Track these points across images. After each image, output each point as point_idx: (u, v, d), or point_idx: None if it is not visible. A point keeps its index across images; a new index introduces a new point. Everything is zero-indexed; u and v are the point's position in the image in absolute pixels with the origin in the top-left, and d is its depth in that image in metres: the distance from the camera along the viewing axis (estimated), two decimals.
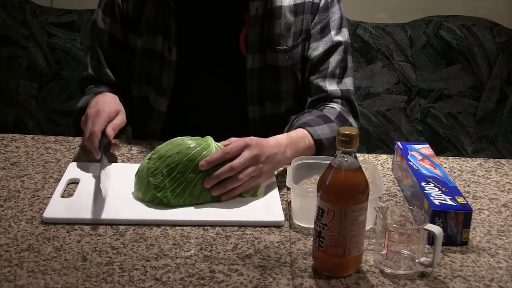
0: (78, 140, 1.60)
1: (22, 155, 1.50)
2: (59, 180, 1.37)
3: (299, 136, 1.45)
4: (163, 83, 1.60)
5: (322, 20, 1.61)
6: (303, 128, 1.47)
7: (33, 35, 2.24)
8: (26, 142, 1.58)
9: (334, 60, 1.60)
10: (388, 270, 1.11)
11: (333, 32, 1.61)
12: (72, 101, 2.25)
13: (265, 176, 1.35)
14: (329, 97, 1.59)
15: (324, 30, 1.61)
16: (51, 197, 1.30)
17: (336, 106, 1.58)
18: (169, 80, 1.60)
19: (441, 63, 2.23)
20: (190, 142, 1.31)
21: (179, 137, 1.34)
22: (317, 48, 1.61)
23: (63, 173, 1.40)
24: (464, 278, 1.11)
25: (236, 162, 1.29)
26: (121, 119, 1.46)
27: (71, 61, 2.24)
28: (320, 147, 1.46)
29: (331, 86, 1.59)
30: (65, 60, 2.24)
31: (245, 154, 1.30)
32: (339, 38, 1.61)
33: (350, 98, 1.61)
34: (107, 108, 1.44)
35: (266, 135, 1.43)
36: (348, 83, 1.62)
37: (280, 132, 1.48)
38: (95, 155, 1.39)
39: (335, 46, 1.61)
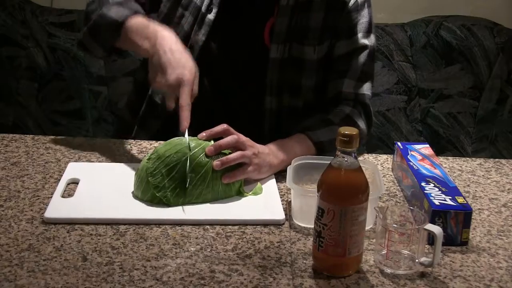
0: (78, 140, 1.60)
1: (22, 155, 1.50)
2: (59, 180, 1.37)
3: (295, 140, 1.45)
4: (192, 37, 1.56)
5: (351, 20, 1.59)
6: (302, 132, 1.47)
7: (33, 35, 2.24)
8: (26, 142, 1.58)
9: (356, 62, 1.58)
10: (388, 270, 1.11)
11: (360, 35, 1.59)
12: (72, 101, 2.25)
13: (255, 171, 1.36)
14: (342, 99, 1.58)
15: (352, 31, 1.59)
16: (51, 197, 1.30)
17: (346, 109, 1.56)
18: (200, 36, 1.56)
19: (441, 63, 2.23)
20: (189, 142, 1.32)
21: (178, 137, 1.35)
22: (341, 48, 1.59)
23: (63, 173, 1.40)
24: (464, 278, 1.11)
25: (240, 137, 1.33)
26: (196, 86, 1.38)
27: (71, 61, 2.23)
28: (322, 149, 1.46)
29: (347, 88, 1.58)
30: (65, 60, 2.24)
31: (246, 138, 1.35)
32: (365, 41, 1.59)
33: (365, 102, 1.59)
34: (187, 72, 1.35)
35: (280, 127, 1.44)
36: (365, 87, 1.59)
37: (295, 125, 1.47)
38: (181, 125, 1.32)
39: (360, 49, 1.59)
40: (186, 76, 1.33)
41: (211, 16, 1.57)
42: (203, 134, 1.34)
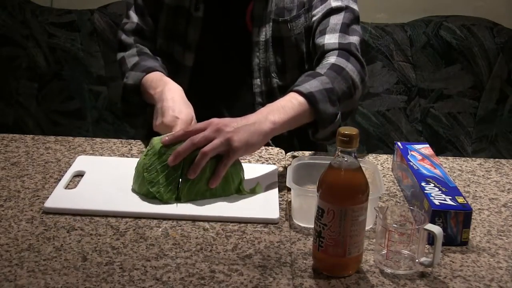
0: (78, 140, 1.60)
1: (22, 155, 1.50)
2: (59, 180, 1.37)
3: (284, 99, 1.40)
4: (188, 38, 1.65)
5: None
6: (291, 91, 1.43)
7: (33, 35, 2.24)
8: (26, 142, 1.58)
9: (334, 18, 1.58)
10: (388, 270, 1.11)
11: (331, 0, 1.61)
12: (72, 101, 2.25)
13: (241, 150, 1.31)
14: (326, 51, 1.54)
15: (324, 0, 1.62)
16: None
17: (331, 59, 1.51)
18: (195, 35, 1.64)
19: (441, 63, 2.23)
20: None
21: None
22: (317, 14, 1.61)
23: (63, 173, 1.41)
24: (464, 278, 1.11)
25: (196, 136, 1.30)
26: None
27: (71, 61, 2.23)
28: (314, 100, 1.39)
29: (329, 41, 1.55)
30: (65, 60, 2.24)
31: (207, 130, 1.30)
32: (338, 3, 1.60)
33: (351, 49, 1.53)
34: (183, 115, 1.42)
35: None
36: (351, 38, 1.56)
37: None
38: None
39: (334, 10, 1.59)
40: (181, 116, 1.41)
41: (200, 14, 1.63)
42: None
